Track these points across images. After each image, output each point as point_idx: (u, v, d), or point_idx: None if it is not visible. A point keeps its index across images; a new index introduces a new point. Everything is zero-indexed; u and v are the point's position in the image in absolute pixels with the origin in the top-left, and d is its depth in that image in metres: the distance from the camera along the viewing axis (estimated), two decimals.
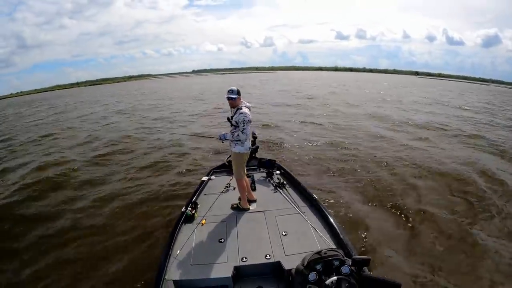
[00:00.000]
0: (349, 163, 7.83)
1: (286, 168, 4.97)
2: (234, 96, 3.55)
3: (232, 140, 3.68)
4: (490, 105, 23.53)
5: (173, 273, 2.88)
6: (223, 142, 3.84)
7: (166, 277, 2.80)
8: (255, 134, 5.07)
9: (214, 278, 2.81)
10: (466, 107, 20.61)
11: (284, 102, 20.99)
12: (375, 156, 8.41)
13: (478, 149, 9.57)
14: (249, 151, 3.85)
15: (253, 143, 4.95)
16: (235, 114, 3.61)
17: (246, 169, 4.36)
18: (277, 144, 9.52)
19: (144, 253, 4.27)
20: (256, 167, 5.07)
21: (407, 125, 13.14)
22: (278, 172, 4.88)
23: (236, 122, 3.59)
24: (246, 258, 3.00)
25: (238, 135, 3.60)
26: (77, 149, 10.52)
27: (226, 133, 3.71)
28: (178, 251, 3.15)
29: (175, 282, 2.76)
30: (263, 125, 12.27)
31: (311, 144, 9.68)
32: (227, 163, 5.02)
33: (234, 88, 3.58)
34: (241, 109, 3.57)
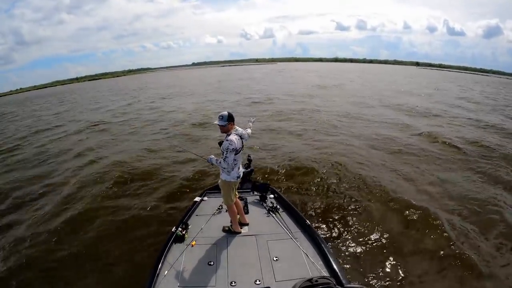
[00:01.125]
0: None
1: (280, 192, 4.93)
2: (222, 124, 3.47)
3: (218, 166, 3.63)
4: None
5: None
6: (212, 165, 3.78)
7: None
8: (250, 157, 5.04)
9: None
10: None
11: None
12: None
13: None
14: (237, 180, 3.78)
15: (248, 165, 4.93)
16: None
17: (240, 192, 4.37)
18: None
19: (131, 270, 4.26)
20: (250, 190, 5.01)
21: None
22: (272, 196, 4.81)
23: (222, 148, 3.46)
24: (235, 283, 2.97)
25: (220, 162, 3.52)
26: None
27: (213, 157, 3.67)
28: (166, 272, 3.12)
29: None
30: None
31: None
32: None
33: (225, 113, 3.47)
34: (229, 135, 3.48)
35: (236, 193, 3.99)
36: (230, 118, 3.48)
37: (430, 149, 9.56)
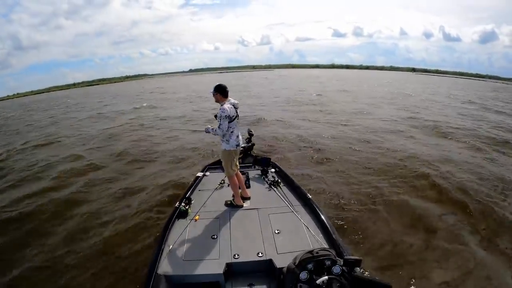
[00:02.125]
0: None
1: (281, 167, 4.96)
2: (211, 91, 3.69)
3: (215, 135, 3.76)
4: None
5: (165, 268, 2.88)
6: (208, 133, 3.87)
7: (158, 271, 2.81)
8: (251, 131, 5.06)
9: (205, 274, 2.82)
10: None
11: None
12: None
13: None
14: (237, 148, 3.84)
15: (249, 140, 4.96)
16: None
17: (241, 166, 4.40)
18: None
19: (137, 246, 4.31)
20: (251, 164, 5.06)
21: None
22: (273, 170, 4.86)
23: (217, 117, 3.64)
24: (238, 255, 3.00)
25: (215, 130, 3.65)
26: None
27: (209, 127, 3.81)
28: (171, 246, 3.15)
29: (166, 277, 2.77)
30: None
31: None
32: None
33: (216, 84, 3.69)
34: (222, 105, 3.64)
35: (238, 165, 4.01)
36: (217, 89, 3.65)
37: None
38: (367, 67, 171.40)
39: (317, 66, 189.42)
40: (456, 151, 8.98)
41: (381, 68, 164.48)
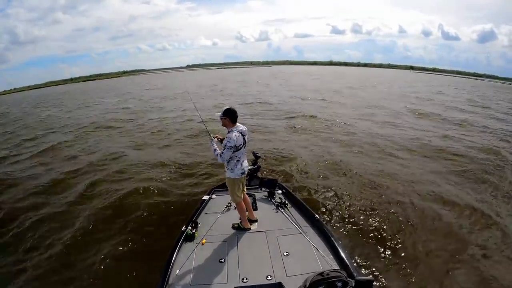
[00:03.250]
0: None
1: (287, 188, 4.93)
2: (219, 114, 3.51)
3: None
4: None
5: None
6: (211, 147, 3.74)
7: None
8: (257, 154, 5.03)
9: None
10: None
11: None
12: None
13: None
14: (242, 177, 3.74)
15: (255, 162, 4.93)
16: None
17: (248, 188, 4.35)
18: None
19: (142, 271, 4.22)
20: (257, 186, 5.01)
21: None
22: (279, 191, 4.82)
23: (222, 144, 3.52)
24: (246, 279, 2.97)
25: (217, 155, 3.52)
26: None
27: (214, 144, 3.69)
28: (178, 271, 3.12)
29: None
30: None
31: None
32: None
33: (225, 107, 3.52)
34: (229, 132, 3.49)
35: (245, 189, 3.97)
36: (226, 113, 3.48)
37: None
38: (365, 65, 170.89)
39: (315, 63, 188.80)
40: None
41: (379, 66, 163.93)
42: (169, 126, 14.06)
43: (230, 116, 3.49)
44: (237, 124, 3.58)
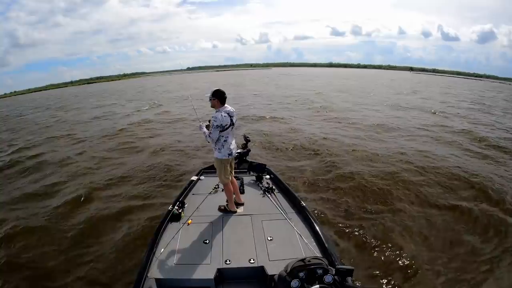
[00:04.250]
0: None
1: (276, 173, 4.94)
2: (207, 95, 3.58)
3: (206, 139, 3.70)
4: None
5: (156, 271, 2.86)
6: (200, 131, 3.82)
7: (148, 275, 2.79)
8: (247, 137, 5.04)
9: (196, 278, 2.80)
10: None
11: None
12: None
13: None
14: (230, 158, 3.76)
15: (245, 145, 4.94)
16: None
17: (236, 172, 4.39)
18: None
19: (129, 248, 4.29)
20: (246, 170, 5.03)
21: None
22: (268, 176, 4.84)
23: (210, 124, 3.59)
24: (229, 261, 2.99)
25: (205, 136, 3.63)
26: None
27: (203, 127, 3.77)
28: (162, 250, 3.13)
29: (157, 280, 2.75)
30: None
31: None
32: None
33: (214, 89, 3.57)
34: (216, 112, 3.55)
35: (232, 172, 3.99)
36: (215, 94, 3.54)
37: None
38: (365, 66, 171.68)
39: (315, 65, 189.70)
40: None
41: (379, 67, 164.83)
42: None
43: (218, 97, 3.55)
44: (226, 105, 3.62)
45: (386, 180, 6.70)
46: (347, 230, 4.83)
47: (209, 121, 3.64)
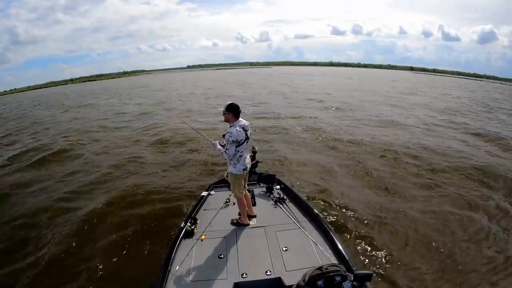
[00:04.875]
0: None
1: (286, 183, 4.94)
2: (222, 110, 3.54)
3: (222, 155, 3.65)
4: None
5: None
6: (215, 149, 3.76)
7: None
8: (255, 149, 5.04)
9: None
10: None
11: None
12: None
13: None
14: (244, 173, 3.78)
15: (253, 157, 4.92)
16: None
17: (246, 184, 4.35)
18: None
19: (142, 268, 4.24)
20: (255, 182, 5.02)
21: None
22: (278, 187, 4.83)
23: (224, 140, 3.55)
24: (246, 274, 2.99)
25: (222, 152, 3.58)
26: None
27: (217, 144, 3.70)
28: (177, 267, 3.13)
29: None
30: None
31: None
32: (226, 178, 4.84)
33: (228, 102, 3.53)
34: (230, 127, 3.52)
35: (246, 186, 4.00)
36: (229, 108, 3.50)
37: None
38: (365, 65, 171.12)
39: (315, 64, 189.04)
40: None
41: (379, 67, 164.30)
42: None
43: (233, 111, 3.52)
44: (240, 119, 3.59)
45: None
46: None
47: (223, 136, 3.62)
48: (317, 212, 3.97)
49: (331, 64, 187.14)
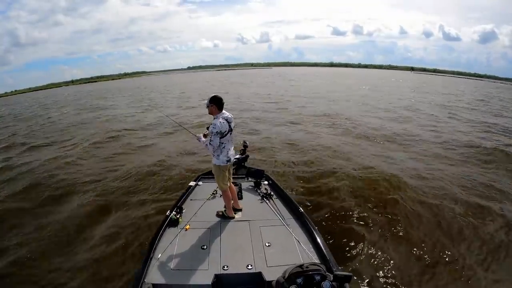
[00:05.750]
0: None
1: (274, 179, 4.95)
2: (205, 102, 3.59)
3: (206, 148, 3.68)
4: None
5: (153, 276, 2.86)
6: (199, 142, 3.81)
7: (146, 280, 2.79)
8: (246, 143, 5.03)
9: (194, 284, 2.80)
10: None
11: None
12: None
13: None
14: (228, 164, 3.78)
15: (243, 151, 4.94)
16: None
17: (234, 177, 4.41)
18: None
19: (126, 253, 4.28)
20: (244, 176, 5.03)
21: None
22: (266, 182, 4.84)
23: (208, 132, 3.59)
24: (227, 267, 2.99)
25: (206, 145, 3.59)
26: None
27: (201, 137, 3.76)
28: (160, 255, 3.13)
29: (154, 285, 2.74)
30: None
31: None
32: None
33: (212, 95, 3.58)
34: (215, 119, 3.55)
35: (231, 178, 4.00)
36: (212, 100, 3.54)
37: None
38: (366, 66, 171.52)
39: (315, 65, 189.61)
40: None
41: (380, 67, 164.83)
42: None
43: (216, 103, 3.55)
44: (223, 111, 3.63)
45: None
46: None
47: (207, 128, 3.64)
48: (302, 210, 3.97)
49: (331, 64, 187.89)
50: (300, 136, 11.26)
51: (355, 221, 5.27)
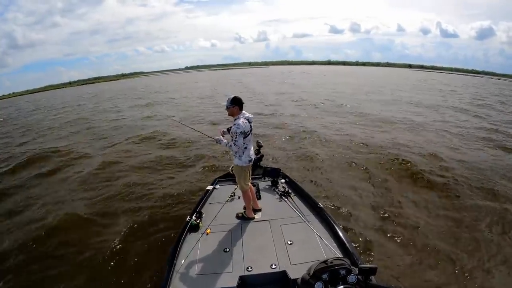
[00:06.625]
0: None
1: (291, 177, 4.94)
2: (227, 105, 3.57)
3: (229, 150, 3.68)
4: None
5: (178, 284, 2.85)
6: (221, 144, 3.75)
7: (170, 287, 2.79)
8: (260, 143, 5.02)
9: None
10: None
11: None
12: None
13: None
14: (249, 164, 3.79)
15: (258, 152, 4.92)
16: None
17: (251, 178, 4.33)
18: None
19: (148, 262, 4.24)
20: (261, 175, 5.01)
21: None
22: (283, 180, 4.84)
23: (231, 133, 3.57)
24: (251, 268, 2.98)
25: (230, 145, 3.58)
26: None
27: (222, 139, 3.72)
28: (183, 261, 3.12)
29: None
30: None
31: None
32: (231, 172, 4.93)
33: (231, 96, 3.58)
34: (236, 119, 3.55)
35: (250, 178, 3.98)
36: (234, 101, 3.54)
37: None
38: (364, 64, 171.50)
39: (313, 63, 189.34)
40: None
41: (377, 65, 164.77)
42: None
43: (238, 104, 3.56)
44: (243, 111, 3.63)
45: None
46: None
47: (228, 129, 3.66)
48: (321, 206, 3.96)
49: (329, 62, 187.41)
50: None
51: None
